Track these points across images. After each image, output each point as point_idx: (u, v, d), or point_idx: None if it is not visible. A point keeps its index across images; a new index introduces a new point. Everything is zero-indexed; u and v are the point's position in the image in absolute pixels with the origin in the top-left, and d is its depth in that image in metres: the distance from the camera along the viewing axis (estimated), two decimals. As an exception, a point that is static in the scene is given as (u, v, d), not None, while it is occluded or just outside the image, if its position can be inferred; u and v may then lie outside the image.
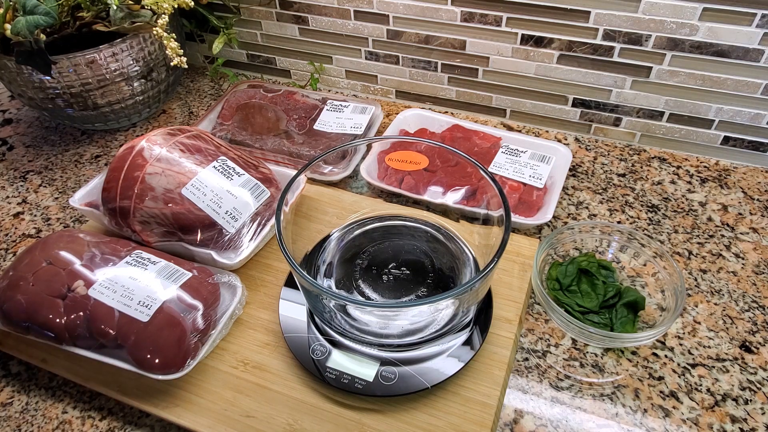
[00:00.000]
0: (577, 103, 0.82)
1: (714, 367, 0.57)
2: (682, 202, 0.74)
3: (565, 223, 0.72)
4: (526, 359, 0.58)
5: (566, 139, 0.84)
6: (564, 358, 0.58)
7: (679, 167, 0.79)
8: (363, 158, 0.75)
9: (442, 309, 0.53)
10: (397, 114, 0.84)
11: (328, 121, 0.83)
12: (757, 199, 0.74)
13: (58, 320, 0.52)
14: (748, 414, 0.53)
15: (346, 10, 0.85)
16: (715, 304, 0.62)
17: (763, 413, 0.53)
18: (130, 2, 0.75)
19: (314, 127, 0.82)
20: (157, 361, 0.51)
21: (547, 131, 0.86)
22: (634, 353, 0.58)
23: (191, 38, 0.99)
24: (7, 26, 0.69)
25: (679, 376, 0.56)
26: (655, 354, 0.58)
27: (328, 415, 0.52)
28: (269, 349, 0.57)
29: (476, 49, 0.82)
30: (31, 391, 0.57)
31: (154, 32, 0.72)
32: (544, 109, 0.85)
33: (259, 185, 0.64)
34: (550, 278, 0.63)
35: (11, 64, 0.74)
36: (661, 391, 0.55)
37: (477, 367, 0.54)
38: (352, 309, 0.55)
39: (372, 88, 0.94)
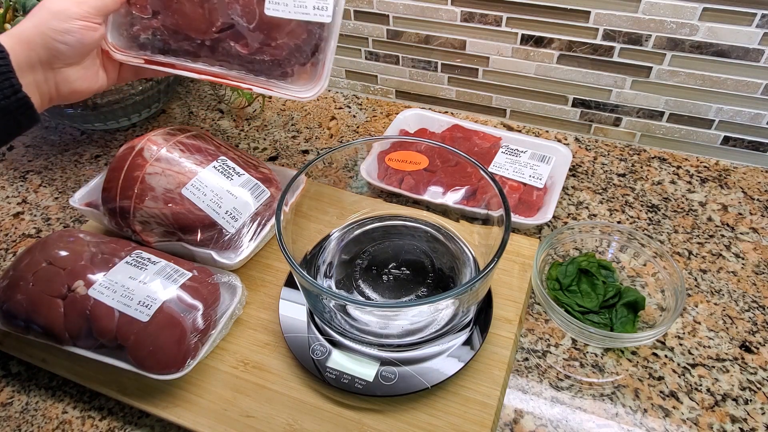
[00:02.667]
0: (577, 103, 0.82)
1: (714, 367, 0.57)
2: (682, 202, 0.74)
3: (565, 223, 0.72)
4: (526, 359, 0.58)
5: (566, 139, 0.84)
6: (564, 358, 0.58)
7: (679, 167, 0.79)
8: (363, 159, 0.75)
9: (442, 309, 0.53)
10: (397, 114, 0.84)
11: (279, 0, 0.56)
12: (757, 199, 0.74)
13: (58, 320, 0.52)
14: (748, 414, 0.53)
15: (346, 10, 0.85)
16: (715, 304, 0.62)
17: (763, 413, 0.53)
18: (130, 2, 0.75)
19: (265, 12, 0.57)
20: (157, 361, 0.51)
21: (547, 131, 0.86)
22: (634, 353, 0.58)
23: (191, 38, 0.99)
24: (7, 26, 0.69)
25: (679, 376, 0.56)
26: (655, 354, 0.58)
27: (328, 415, 0.52)
28: (269, 349, 0.57)
29: (476, 49, 0.82)
30: (31, 391, 0.57)
31: (154, 32, 0.71)
32: (544, 109, 0.85)
33: (259, 185, 0.64)
34: (550, 278, 0.63)
35: (11, 64, 0.73)
36: (661, 391, 0.55)
37: (477, 367, 0.54)
38: (352, 309, 0.55)
39: (372, 88, 0.94)
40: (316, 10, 0.57)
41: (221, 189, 0.61)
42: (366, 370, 0.52)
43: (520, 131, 0.86)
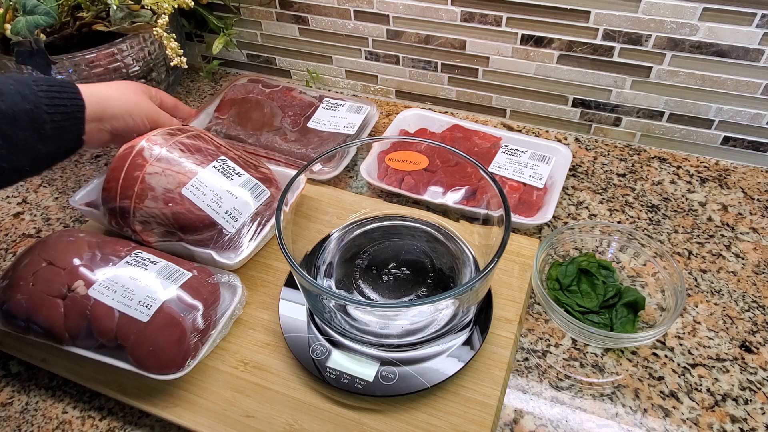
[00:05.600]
0: (577, 103, 0.82)
1: (714, 367, 0.57)
2: (682, 202, 0.74)
3: (565, 223, 0.72)
4: (526, 359, 0.58)
5: (566, 139, 0.84)
6: (564, 358, 0.58)
7: (679, 167, 0.79)
8: (363, 159, 0.75)
9: (442, 309, 0.53)
10: (397, 114, 0.84)
11: (322, 120, 0.82)
12: (757, 199, 0.74)
13: (58, 320, 0.52)
14: (748, 414, 0.53)
15: (346, 10, 0.85)
16: (715, 304, 0.62)
17: (763, 413, 0.53)
18: (130, 2, 0.75)
19: (308, 125, 0.82)
20: (157, 361, 0.51)
21: (547, 131, 0.86)
22: (634, 353, 0.58)
23: (191, 38, 0.99)
24: (7, 26, 0.69)
25: (679, 376, 0.56)
26: (655, 354, 0.58)
27: (328, 415, 0.52)
28: (269, 349, 0.57)
29: (476, 49, 0.82)
30: (31, 391, 0.57)
31: (154, 32, 0.72)
32: (544, 109, 0.85)
33: (259, 185, 0.64)
34: (550, 278, 0.63)
35: (11, 63, 0.73)
36: (661, 391, 0.55)
37: (477, 367, 0.54)
38: (352, 309, 0.55)
39: (372, 88, 0.94)
40: (345, 128, 0.81)
41: (221, 189, 0.61)
42: (366, 370, 0.52)
43: (520, 131, 0.86)
